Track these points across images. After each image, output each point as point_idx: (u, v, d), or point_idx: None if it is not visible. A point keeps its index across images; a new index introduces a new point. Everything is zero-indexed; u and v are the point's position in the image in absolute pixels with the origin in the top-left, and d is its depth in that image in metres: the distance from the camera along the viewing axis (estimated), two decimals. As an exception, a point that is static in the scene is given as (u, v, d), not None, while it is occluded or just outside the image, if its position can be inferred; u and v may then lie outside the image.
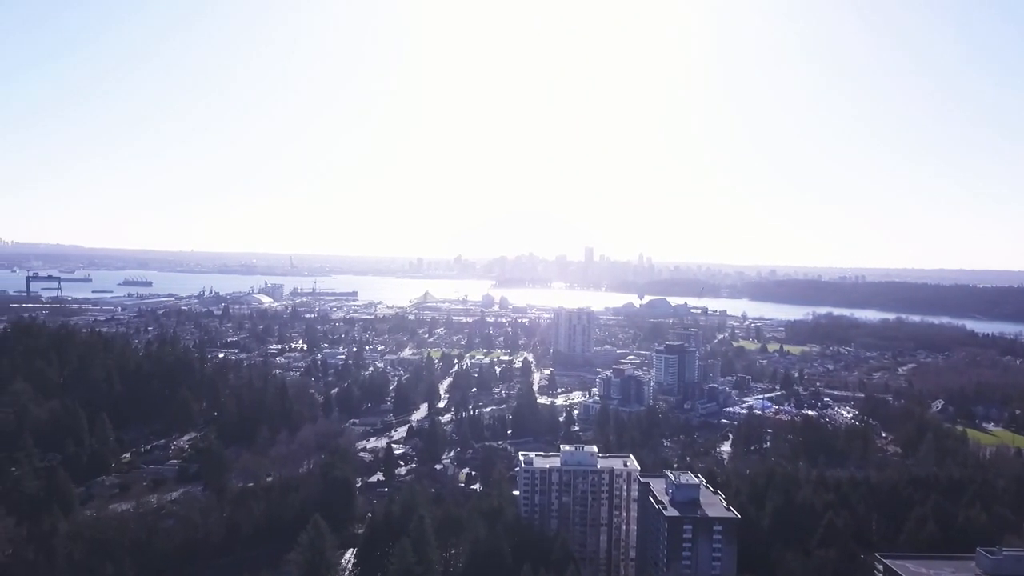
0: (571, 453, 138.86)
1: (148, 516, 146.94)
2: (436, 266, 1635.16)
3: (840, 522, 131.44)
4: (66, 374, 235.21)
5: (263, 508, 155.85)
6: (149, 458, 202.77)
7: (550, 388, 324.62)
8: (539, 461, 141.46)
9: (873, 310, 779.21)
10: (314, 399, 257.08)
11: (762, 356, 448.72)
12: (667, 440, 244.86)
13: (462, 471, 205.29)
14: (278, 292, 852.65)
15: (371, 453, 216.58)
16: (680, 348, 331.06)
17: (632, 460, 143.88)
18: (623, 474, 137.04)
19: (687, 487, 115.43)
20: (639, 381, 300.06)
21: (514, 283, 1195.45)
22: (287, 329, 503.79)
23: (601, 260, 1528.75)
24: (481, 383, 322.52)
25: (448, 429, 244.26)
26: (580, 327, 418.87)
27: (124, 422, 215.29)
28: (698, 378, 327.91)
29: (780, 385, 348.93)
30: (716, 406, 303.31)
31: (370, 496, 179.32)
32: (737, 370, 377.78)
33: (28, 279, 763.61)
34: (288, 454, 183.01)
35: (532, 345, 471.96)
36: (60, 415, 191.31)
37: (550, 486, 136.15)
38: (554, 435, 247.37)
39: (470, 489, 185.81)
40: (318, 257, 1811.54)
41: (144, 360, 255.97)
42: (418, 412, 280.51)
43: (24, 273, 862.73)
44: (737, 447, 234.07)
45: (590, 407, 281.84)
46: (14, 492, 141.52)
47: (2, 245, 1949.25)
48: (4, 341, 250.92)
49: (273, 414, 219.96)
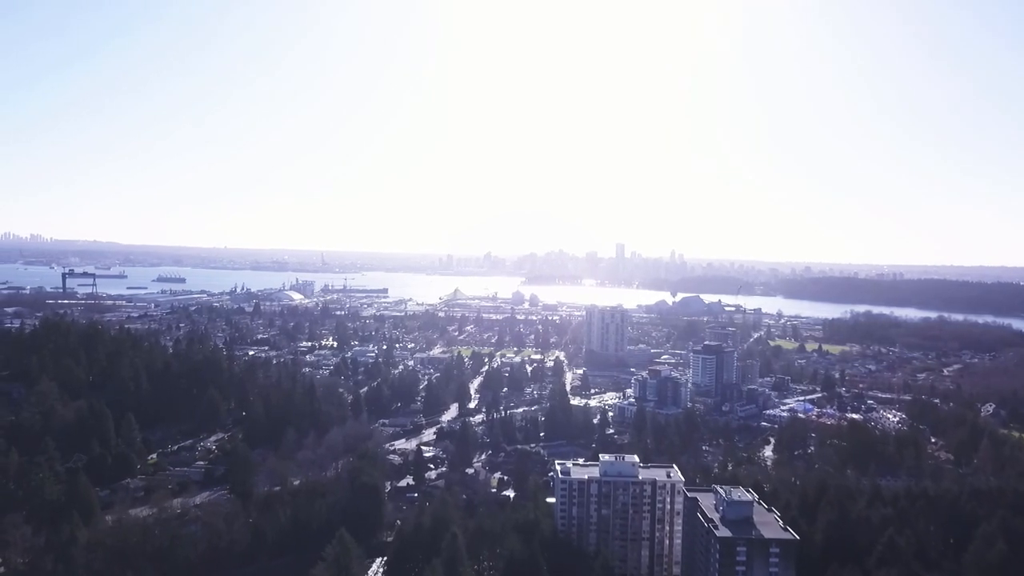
0: (611, 463, 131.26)
1: (171, 522, 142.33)
2: (466, 263, 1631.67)
3: (901, 540, 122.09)
4: (94, 373, 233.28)
5: (289, 514, 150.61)
6: (176, 459, 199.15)
7: (583, 389, 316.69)
8: (577, 471, 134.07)
9: (913, 308, 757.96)
10: (343, 399, 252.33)
11: (800, 356, 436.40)
12: (706, 444, 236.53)
13: (494, 476, 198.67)
14: (309, 289, 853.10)
15: (400, 456, 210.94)
16: (718, 348, 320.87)
17: (675, 471, 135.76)
18: (666, 486, 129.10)
19: (739, 504, 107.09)
20: (676, 383, 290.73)
21: (544, 280, 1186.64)
22: (317, 326, 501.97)
23: (632, 257, 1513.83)
24: (512, 383, 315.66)
25: (479, 431, 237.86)
26: (613, 326, 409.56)
27: (151, 422, 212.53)
28: (736, 379, 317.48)
29: (821, 387, 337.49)
30: (755, 408, 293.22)
31: (399, 502, 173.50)
32: (775, 371, 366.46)
33: (64, 275, 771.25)
34: (315, 458, 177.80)
35: (563, 344, 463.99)
36: (86, 415, 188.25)
37: (588, 498, 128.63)
38: (588, 438, 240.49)
39: (502, 496, 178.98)
40: (349, 254, 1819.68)
41: (172, 359, 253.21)
42: (448, 412, 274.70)
43: (61, 270, 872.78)
44: (780, 453, 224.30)
45: (625, 409, 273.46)
46: (35, 498, 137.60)
47: (42, 242, 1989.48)
48: (34, 339, 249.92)
49: (301, 415, 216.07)
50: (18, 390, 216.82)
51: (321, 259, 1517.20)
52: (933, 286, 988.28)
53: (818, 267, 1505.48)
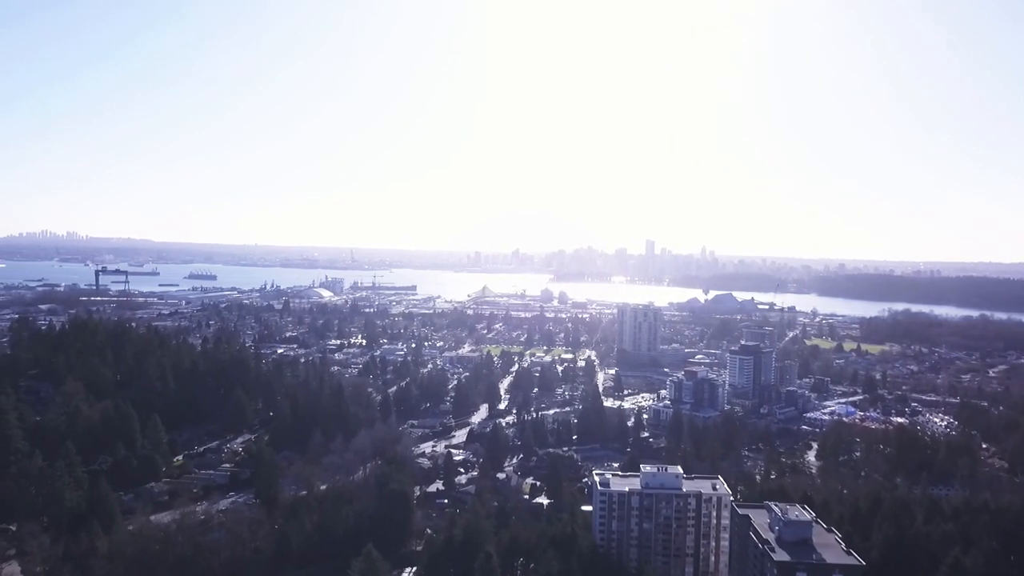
0: (653, 474, 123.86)
1: (194, 529, 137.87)
2: (494, 260, 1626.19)
3: (968, 561, 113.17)
4: (122, 372, 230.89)
5: (315, 521, 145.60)
6: (202, 461, 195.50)
7: (615, 390, 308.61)
8: (617, 482, 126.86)
9: (952, 306, 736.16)
10: (371, 400, 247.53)
11: (838, 356, 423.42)
12: (744, 448, 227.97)
13: (526, 481, 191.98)
14: (338, 286, 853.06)
15: (430, 459, 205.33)
16: (755, 348, 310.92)
17: (721, 483, 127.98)
18: (712, 499, 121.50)
19: (797, 524, 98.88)
20: (713, 384, 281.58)
21: (573, 277, 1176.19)
22: (346, 324, 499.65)
23: (663, 253, 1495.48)
24: (543, 383, 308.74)
25: (509, 433, 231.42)
26: (646, 324, 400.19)
27: (178, 422, 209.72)
28: (774, 380, 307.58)
29: (862, 388, 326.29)
30: (795, 411, 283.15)
31: (429, 509, 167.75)
32: (813, 371, 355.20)
33: (97, 273, 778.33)
34: (343, 463, 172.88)
35: (594, 343, 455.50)
36: (112, 416, 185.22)
37: (629, 511, 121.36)
38: (622, 441, 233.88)
39: (535, 504, 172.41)
40: (378, 251, 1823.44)
41: (200, 358, 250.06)
42: (478, 413, 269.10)
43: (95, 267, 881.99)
44: (825, 459, 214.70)
45: (660, 411, 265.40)
46: (55, 504, 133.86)
47: (78, 239, 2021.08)
48: (62, 338, 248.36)
49: (329, 416, 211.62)
50: (46, 389, 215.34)
51: (350, 256, 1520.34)
52: (973, 283, 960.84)
53: (852, 264, 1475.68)
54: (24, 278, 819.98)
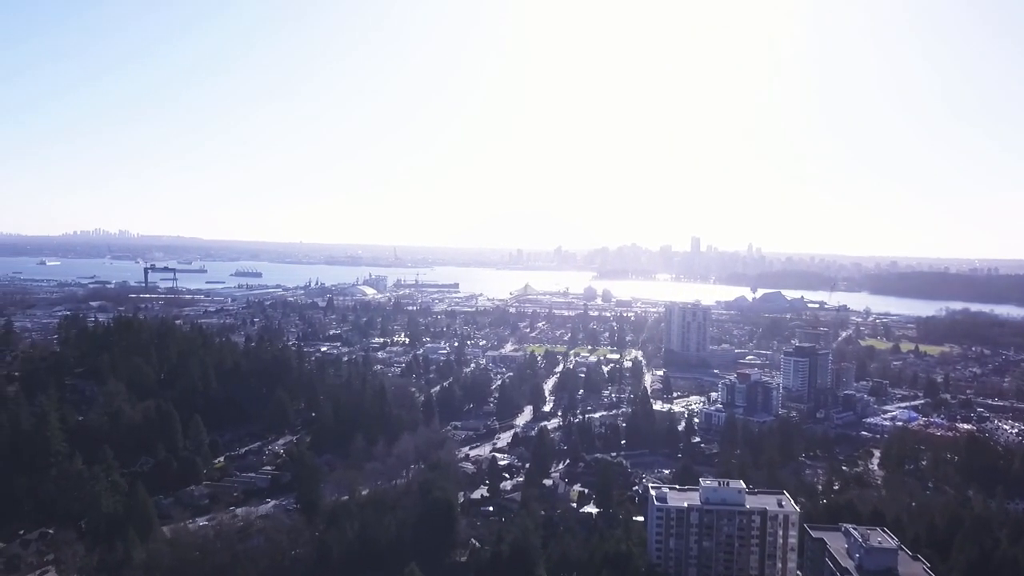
0: (713, 489, 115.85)
1: (233, 536, 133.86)
2: (536, 257, 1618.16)
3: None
4: (165, 371, 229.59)
5: (356, 528, 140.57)
6: (243, 463, 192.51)
7: (664, 392, 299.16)
8: (674, 497, 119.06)
9: (1012, 306, 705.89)
10: (414, 401, 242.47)
11: (895, 357, 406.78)
12: (801, 455, 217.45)
13: (573, 488, 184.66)
14: (382, 284, 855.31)
15: (474, 464, 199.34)
16: (811, 350, 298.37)
17: (787, 499, 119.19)
18: (778, 517, 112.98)
19: (881, 552, 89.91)
20: (767, 387, 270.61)
21: (616, 275, 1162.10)
22: (389, 322, 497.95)
23: (708, 251, 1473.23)
24: (589, 385, 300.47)
25: (555, 437, 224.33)
26: (695, 324, 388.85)
27: (219, 423, 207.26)
28: (831, 383, 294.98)
29: (923, 392, 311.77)
30: (853, 416, 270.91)
31: (473, 517, 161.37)
32: (871, 374, 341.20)
33: (146, 270, 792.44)
34: (385, 469, 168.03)
35: (640, 342, 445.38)
36: (154, 417, 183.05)
37: (688, 528, 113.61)
38: (673, 447, 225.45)
39: (583, 513, 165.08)
40: (421, 248, 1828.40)
41: (242, 357, 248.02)
42: (522, 415, 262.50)
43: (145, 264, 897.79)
44: (889, 469, 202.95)
45: (712, 415, 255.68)
46: (92, 510, 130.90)
47: (129, 237, 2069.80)
48: (108, 336, 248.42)
49: (371, 418, 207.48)
50: (91, 387, 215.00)
51: (394, 254, 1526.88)
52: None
53: (904, 261, 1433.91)
54: (77, 275, 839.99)
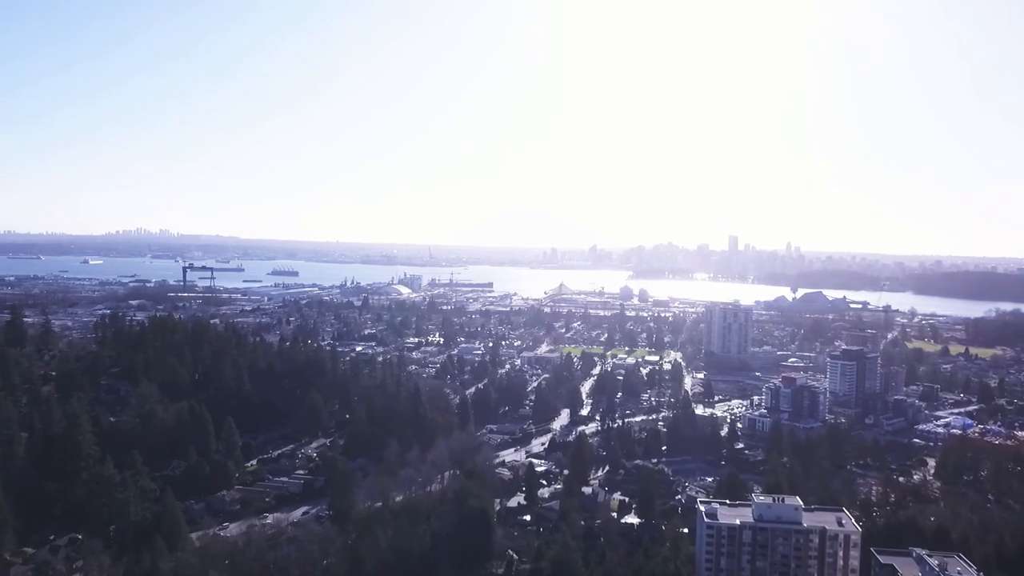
0: (767, 505, 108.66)
1: (263, 544, 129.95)
2: (571, 256, 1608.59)
3: None
4: (199, 372, 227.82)
5: (389, 538, 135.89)
6: (276, 467, 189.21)
7: (705, 396, 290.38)
8: (725, 513, 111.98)
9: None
10: (449, 404, 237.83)
11: (944, 360, 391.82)
12: (851, 464, 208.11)
13: (613, 496, 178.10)
14: (416, 283, 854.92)
15: (510, 470, 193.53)
16: (859, 353, 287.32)
17: (847, 517, 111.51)
18: (838, 536, 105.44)
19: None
20: (813, 392, 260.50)
21: (652, 274, 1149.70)
22: (424, 321, 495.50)
23: (746, 249, 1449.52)
24: (627, 388, 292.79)
25: (594, 443, 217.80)
26: (736, 325, 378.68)
27: (252, 425, 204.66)
28: (880, 388, 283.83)
29: (977, 397, 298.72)
30: (904, 422, 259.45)
31: (510, 526, 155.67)
32: (920, 377, 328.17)
33: (184, 269, 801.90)
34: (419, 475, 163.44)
35: (679, 344, 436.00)
36: (186, 419, 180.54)
37: (740, 547, 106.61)
38: (716, 453, 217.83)
39: (624, 523, 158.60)
40: (455, 248, 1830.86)
41: (276, 358, 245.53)
42: (559, 419, 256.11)
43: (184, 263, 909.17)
44: (946, 480, 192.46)
45: (756, 421, 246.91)
46: (120, 517, 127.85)
47: (169, 236, 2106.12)
48: (143, 336, 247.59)
49: (405, 421, 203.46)
50: (126, 388, 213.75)
51: (428, 253, 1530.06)
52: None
53: (949, 260, 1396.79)
54: (118, 274, 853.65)
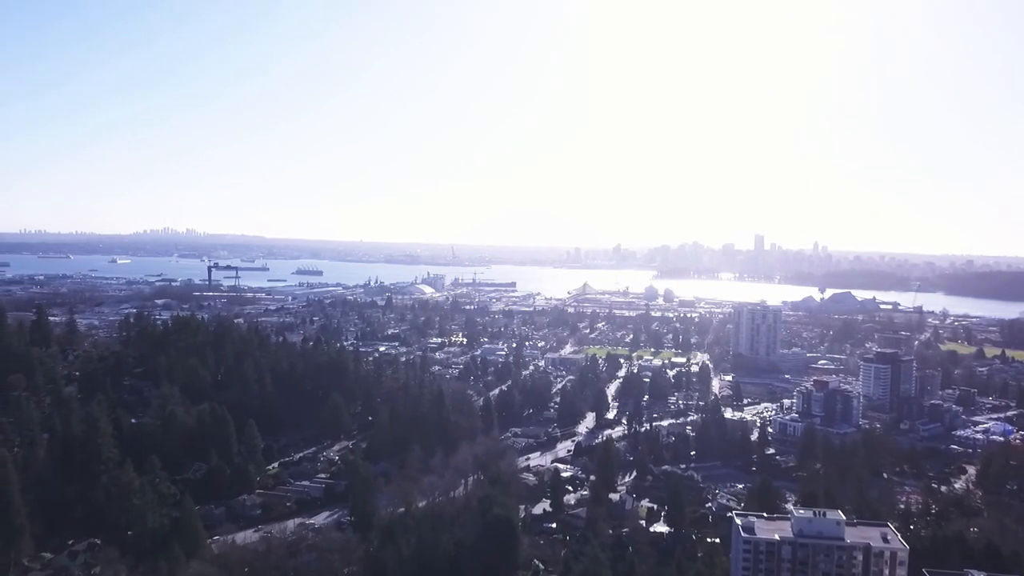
0: (807, 519, 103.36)
1: (283, 551, 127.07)
2: (594, 256, 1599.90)
3: None
4: (222, 373, 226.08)
5: (412, 547, 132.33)
6: (297, 471, 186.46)
7: (734, 399, 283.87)
8: (763, 527, 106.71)
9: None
10: (473, 407, 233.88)
11: (979, 363, 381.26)
12: (886, 472, 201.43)
13: (642, 503, 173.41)
14: (439, 282, 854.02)
15: (535, 475, 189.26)
16: (894, 356, 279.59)
17: (893, 533, 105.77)
18: (883, 553, 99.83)
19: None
20: (847, 396, 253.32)
21: (677, 274, 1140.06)
22: (447, 321, 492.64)
23: (772, 249, 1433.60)
24: (654, 390, 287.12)
25: (620, 447, 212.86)
26: (765, 326, 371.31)
27: (274, 427, 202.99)
28: (915, 392, 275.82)
29: (1016, 402, 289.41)
30: (941, 428, 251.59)
31: (536, 535, 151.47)
32: (956, 381, 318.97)
33: (210, 269, 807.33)
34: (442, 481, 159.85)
35: (706, 345, 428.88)
36: (208, 421, 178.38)
37: (779, 563, 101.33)
38: (746, 459, 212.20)
39: (654, 532, 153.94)
40: (478, 247, 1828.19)
41: (298, 359, 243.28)
42: (584, 422, 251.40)
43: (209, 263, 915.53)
44: (987, 490, 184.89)
45: (787, 425, 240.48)
46: (137, 524, 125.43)
47: (196, 236, 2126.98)
48: (166, 336, 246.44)
49: (428, 424, 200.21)
50: (149, 389, 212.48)
51: (452, 252, 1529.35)
52: None
53: (981, 260, 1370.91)
54: (145, 273, 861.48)
